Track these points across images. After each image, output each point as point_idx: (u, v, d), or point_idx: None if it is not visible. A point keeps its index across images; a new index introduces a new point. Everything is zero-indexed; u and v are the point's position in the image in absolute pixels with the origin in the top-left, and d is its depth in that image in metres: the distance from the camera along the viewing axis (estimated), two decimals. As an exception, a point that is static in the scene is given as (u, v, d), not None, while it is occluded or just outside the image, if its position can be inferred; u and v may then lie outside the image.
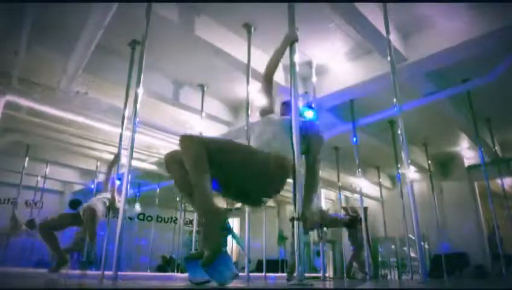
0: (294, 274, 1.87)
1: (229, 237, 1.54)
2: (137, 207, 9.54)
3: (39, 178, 8.81)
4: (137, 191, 10.03)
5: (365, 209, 9.48)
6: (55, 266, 4.25)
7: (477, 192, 9.13)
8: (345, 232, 7.73)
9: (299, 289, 1.77)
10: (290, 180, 1.94)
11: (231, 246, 13.44)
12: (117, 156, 4.50)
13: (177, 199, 10.96)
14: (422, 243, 5.06)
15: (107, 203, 4.59)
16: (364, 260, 6.00)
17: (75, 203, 4.83)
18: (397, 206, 6.68)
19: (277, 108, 2.45)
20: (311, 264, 10.55)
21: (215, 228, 1.44)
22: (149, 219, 11.03)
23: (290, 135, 2.01)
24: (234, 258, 12.86)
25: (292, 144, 1.98)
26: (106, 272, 3.55)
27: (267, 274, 6.22)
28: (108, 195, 4.68)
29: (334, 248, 11.03)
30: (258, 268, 8.94)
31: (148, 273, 8.25)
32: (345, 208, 7.01)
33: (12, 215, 6.82)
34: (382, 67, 4.64)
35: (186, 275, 5.60)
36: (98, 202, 4.62)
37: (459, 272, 8.09)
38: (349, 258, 6.85)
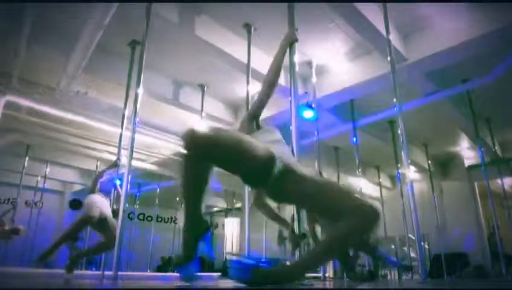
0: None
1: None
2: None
3: (39, 178, 8.82)
4: (137, 191, 10.04)
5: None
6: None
7: (477, 192, 9.13)
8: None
9: (299, 289, 1.77)
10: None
11: (231, 246, 13.44)
12: (116, 161, 4.43)
13: (177, 199, 10.99)
14: (422, 243, 5.06)
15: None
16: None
17: (75, 203, 4.79)
18: (397, 206, 6.68)
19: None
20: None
21: (190, 239, 1.55)
22: (149, 219, 11.03)
23: None
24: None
25: None
26: (106, 272, 3.55)
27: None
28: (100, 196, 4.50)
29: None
30: (258, 268, 8.93)
31: (148, 273, 8.26)
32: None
33: (3, 214, 6.85)
34: (382, 67, 4.64)
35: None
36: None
37: (459, 272, 8.08)
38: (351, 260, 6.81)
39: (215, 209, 14.91)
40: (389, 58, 3.48)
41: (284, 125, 2.27)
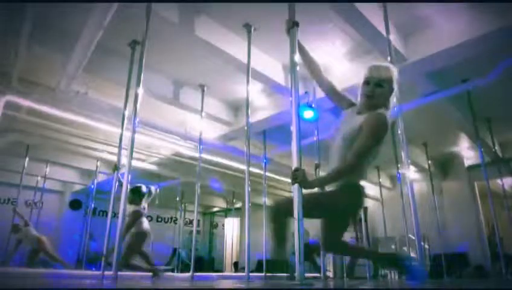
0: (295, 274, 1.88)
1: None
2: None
3: (39, 178, 8.81)
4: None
5: (365, 209, 9.50)
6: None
7: (477, 192, 9.13)
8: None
9: (299, 289, 1.77)
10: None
11: (231, 247, 13.44)
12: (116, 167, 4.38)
13: (177, 199, 10.99)
14: (422, 243, 5.06)
15: None
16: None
17: (75, 204, 4.78)
18: (397, 206, 6.68)
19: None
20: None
21: None
22: (149, 219, 11.04)
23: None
24: (234, 259, 12.87)
25: None
26: (106, 272, 3.55)
27: (268, 274, 6.21)
28: None
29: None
30: (258, 268, 8.94)
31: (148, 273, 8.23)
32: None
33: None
34: (382, 68, 4.63)
35: (186, 275, 5.60)
36: None
37: (459, 272, 8.08)
38: (352, 258, 6.81)
39: (215, 209, 14.93)
40: (389, 58, 3.48)
41: (284, 125, 2.27)
